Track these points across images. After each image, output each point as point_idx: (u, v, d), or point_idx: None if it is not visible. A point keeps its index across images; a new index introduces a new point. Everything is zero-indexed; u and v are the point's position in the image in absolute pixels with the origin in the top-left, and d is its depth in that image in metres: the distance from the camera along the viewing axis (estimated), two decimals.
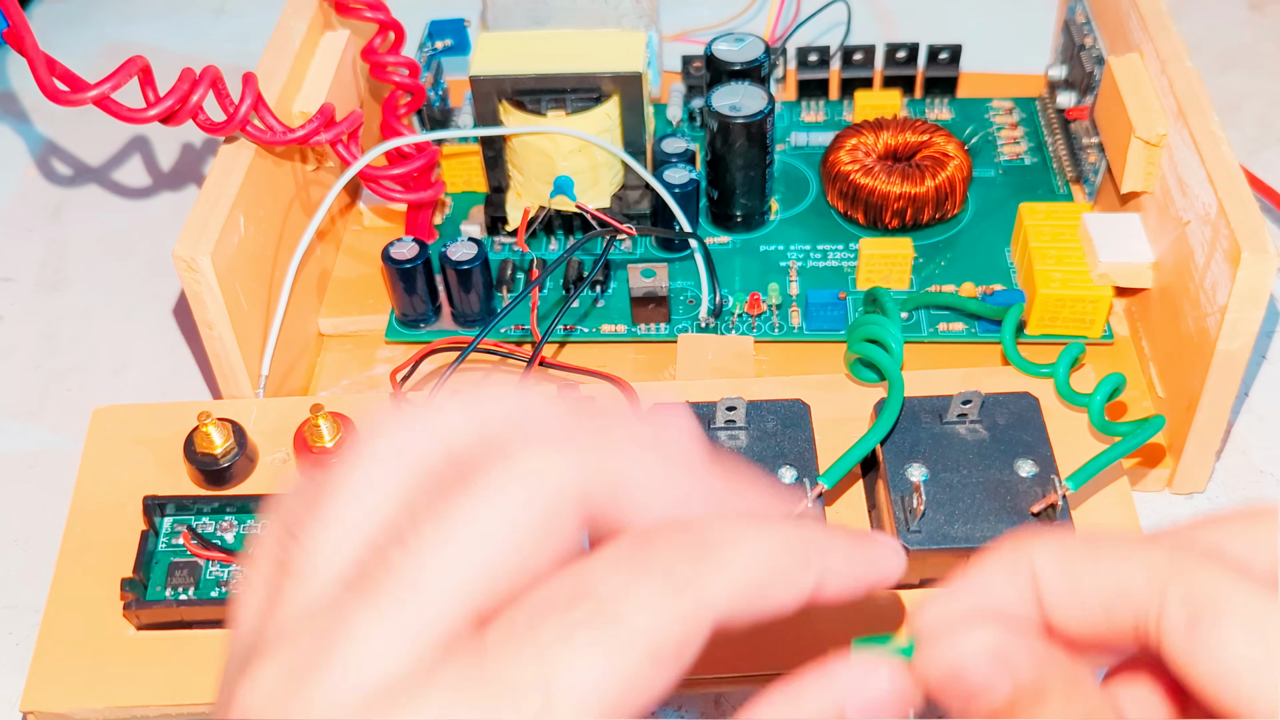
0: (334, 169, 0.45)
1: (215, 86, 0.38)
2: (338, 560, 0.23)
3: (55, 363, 0.46)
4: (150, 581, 0.34)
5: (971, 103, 0.51)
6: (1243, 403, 0.42)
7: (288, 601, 0.23)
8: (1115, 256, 0.40)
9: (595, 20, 0.46)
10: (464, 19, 0.51)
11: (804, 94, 0.51)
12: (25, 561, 0.39)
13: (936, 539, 0.32)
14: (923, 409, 0.35)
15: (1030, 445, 0.34)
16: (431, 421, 0.24)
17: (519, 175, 0.45)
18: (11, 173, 0.54)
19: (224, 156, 0.39)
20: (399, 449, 0.24)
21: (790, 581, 0.23)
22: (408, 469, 0.24)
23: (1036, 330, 0.42)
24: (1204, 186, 0.36)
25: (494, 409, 0.25)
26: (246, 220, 0.38)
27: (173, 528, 0.35)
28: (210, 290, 0.36)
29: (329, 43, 0.45)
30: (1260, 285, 0.34)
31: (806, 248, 0.45)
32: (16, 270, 0.49)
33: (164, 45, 0.59)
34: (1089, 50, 0.46)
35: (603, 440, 0.23)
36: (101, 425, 0.38)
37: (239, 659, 0.23)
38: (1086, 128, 0.45)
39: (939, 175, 0.44)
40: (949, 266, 0.44)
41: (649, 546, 0.22)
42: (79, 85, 0.36)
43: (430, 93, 0.48)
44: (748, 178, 0.44)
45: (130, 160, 0.54)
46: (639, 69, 0.43)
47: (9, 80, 0.58)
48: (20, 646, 0.37)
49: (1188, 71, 0.39)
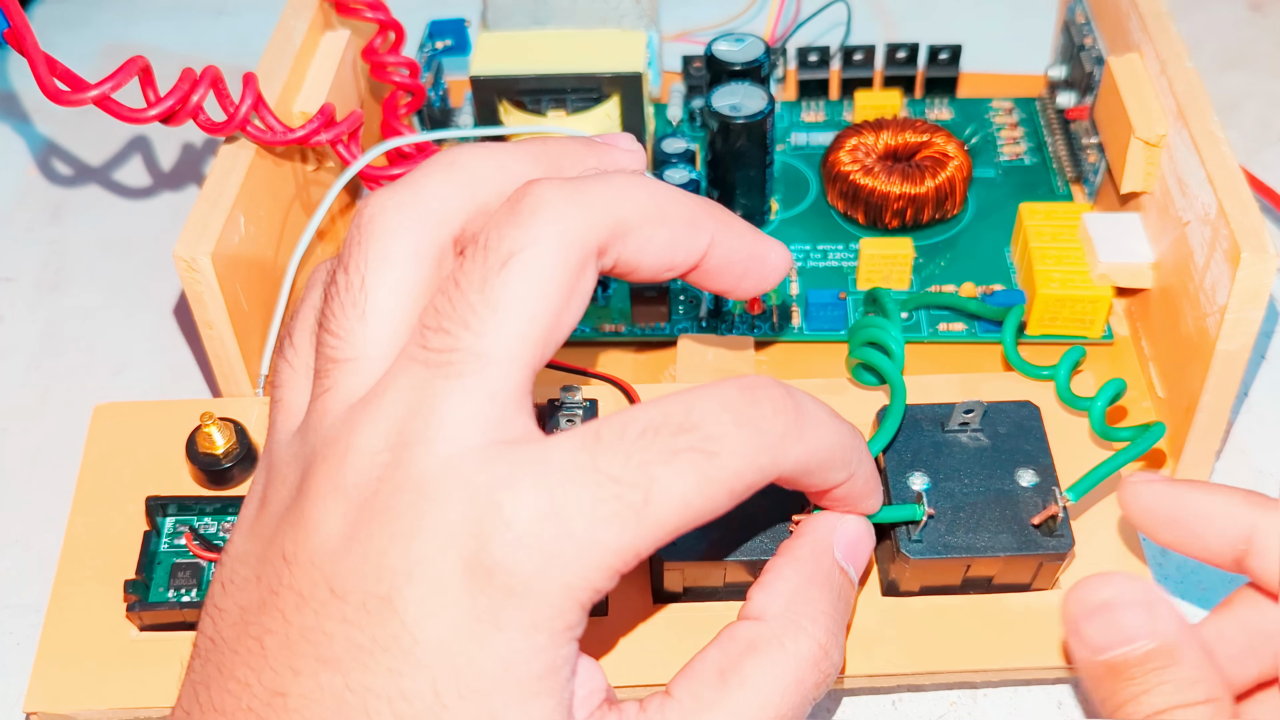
0: (334, 169, 0.45)
1: (215, 86, 0.38)
2: (385, 342, 0.26)
3: (55, 363, 0.46)
4: (153, 583, 0.34)
5: (971, 103, 0.51)
6: (1243, 403, 0.42)
7: (343, 387, 0.26)
8: (1115, 257, 0.41)
9: (595, 20, 0.46)
10: (464, 19, 0.51)
11: (804, 94, 0.51)
12: (26, 561, 0.39)
13: (938, 548, 0.32)
14: (924, 417, 0.35)
15: (1031, 455, 0.34)
16: (448, 172, 0.27)
17: None
18: (11, 173, 0.54)
19: (224, 156, 0.39)
20: (411, 219, 0.27)
21: (835, 470, 0.27)
22: (427, 237, 0.27)
23: (1036, 330, 0.42)
24: (1204, 187, 0.36)
25: (510, 162, 0.28)
26: (246, 220, 0.38)
27: (175, 528, 0.35)
28: (210, 290, 0.36)
29: (329, 43, 0.45)
30: (1260, 285, 0.34)
31: (806, 248, 0.45)
32: (16, 270, 0.49)
33: (164, 45, 0.59)
34: (1089, 50, 0.46)
35: (603, 186, 0.26)
36: (103, 422, 0.38)
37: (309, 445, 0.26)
38: (1086, 128, 0.45)
39: (939, 175, 0.44)
40: (949, 266, 0.44)
41: (753, 397, 0.25)
42: (79, 85, 0.36)
43: (430, 93, 0.48)
44: (748, 178, 0.44)
45: (130, 160, 0.54)
46: (639, 69, 0.43)
47: (9, 80, 0.58)
48: (21, 646, 0.37)
49: (1188, 71, 0.39)
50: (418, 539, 0.24)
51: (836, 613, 0.29)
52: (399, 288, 0.26)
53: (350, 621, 0.24)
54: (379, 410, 0.25)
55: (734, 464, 0.25)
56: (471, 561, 0.23)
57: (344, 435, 0.25)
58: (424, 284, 0.26)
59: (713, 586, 0.33)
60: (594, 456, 0.24)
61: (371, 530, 0.24)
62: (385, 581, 0.24)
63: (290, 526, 0.25)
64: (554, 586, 0.24)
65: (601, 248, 0.26)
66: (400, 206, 0.27)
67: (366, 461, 0.25)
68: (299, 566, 0.25)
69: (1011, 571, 0.33)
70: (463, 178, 0.27)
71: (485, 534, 0.23)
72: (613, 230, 0.26)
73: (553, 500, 0.24)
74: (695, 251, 0.28)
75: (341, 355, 0.26)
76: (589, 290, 0.26)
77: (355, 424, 0.25)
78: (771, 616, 0.28)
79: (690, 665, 0.27)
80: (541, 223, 0.25)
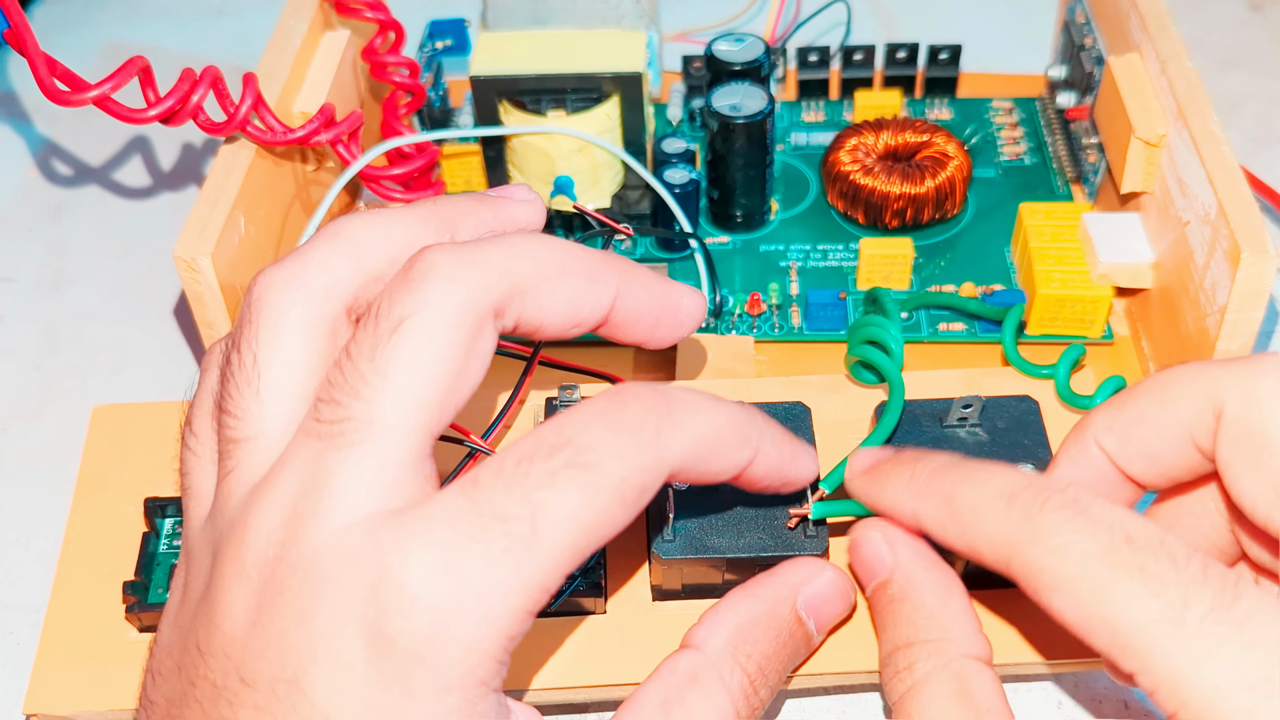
0: (334, 169, 0.45)
1: (215, 86, 0.38)
2: (283, 418, 0.26)
3: (55, 363, 0.46)
4: (152, 584, 0.34)
5: (971, 103, 0.51)
6: None
7: (245, 467, 0.26)
8: (1115, 256, 0.41)
9: (595, 20, 0.46)
10: (464, 19, 0.51)
11: (804, 94, 0.51)
12: (26, 561, 0.39)
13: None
14: (923, 412, 0.35)
15: (1030, 449, 0.34)
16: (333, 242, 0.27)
17: (519, 175, 0.45)
18: (11, 173, 0.54)
19: (224, 156, 0.39)
20: (299, 292, 0.27)
21: (732, 450, 0.27)
22: (316, 309, 0.27)
23: (1036, 330, 0.42)
24: (1204, 186, 0.36)
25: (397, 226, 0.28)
26: (246, 220, 0.38)
27: (174, 529, 0.35)
28: (210, 290, 0.36)
29: (329, 43, 0.45)
30: (1260, 285, 0.34)
31: (807, 248, 0.45)
32: (16, 270, 0.49)
33: (164, 45, 0.59)
34: (1089, 50, 0.46)
35: (496, 247, 0.26)
36: (102, 424, 0.38)
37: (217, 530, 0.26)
38: (1086, 128, 0.45)
39: (939, 175, 0.44)
40: (949, 266, 0.44)
41: (621, 404, 0.25)
42: (79, 85, 0.36)
43: (430, 93, 0.48)
44: (748, 178, 0.44)
45: (130, 160, 0.54)
46: (639, 69, 0.43)
47: (9, 80, 0.58)
48: (21, 647, 0.37)
49: (1188, 71, 0.39)
50: (317, 617, 0.23)
51: (778, 660, 0.29)
52: (292, 362, 0.26)
53: (262, 709, 0.23)
54: (275, 487, 0.25)
55: (616, 469, 0.24)
56: (372, 633, 0.23)
57: (244, 517, 0.25)
58: (319, 356, 0.26)
59: (711, 584, 0.33)
60: (474, 501, 0.24)
61: (272, 614, 0.24)
62: (290, 665, 0.23)
63: (203, 615, 0.25)
64: (458, 642, 0.23)
65: (498, 309, 0.26)
66: (287, 281, 0.27)
67: (264, 541, 0.24)
68: (211, 657, 0.24)
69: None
70: (348, 245, 0.27)
71: (381, 602, 0.23)
72: (508, 290, 0.26)
73: (443, 554, 0.23)
74: (600, 306, 0.28)
75: (241, 435, 0.26)
76: (488, 352, 0.26)
77: (253, 504, 0.25)
78: (711, 650, 0.28)
79: (632, 699, 0.27)
80: (431, 287, 0.25)
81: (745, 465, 0.28)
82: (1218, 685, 0.23)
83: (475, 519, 0.24)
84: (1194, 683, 0.23)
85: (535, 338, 0.28)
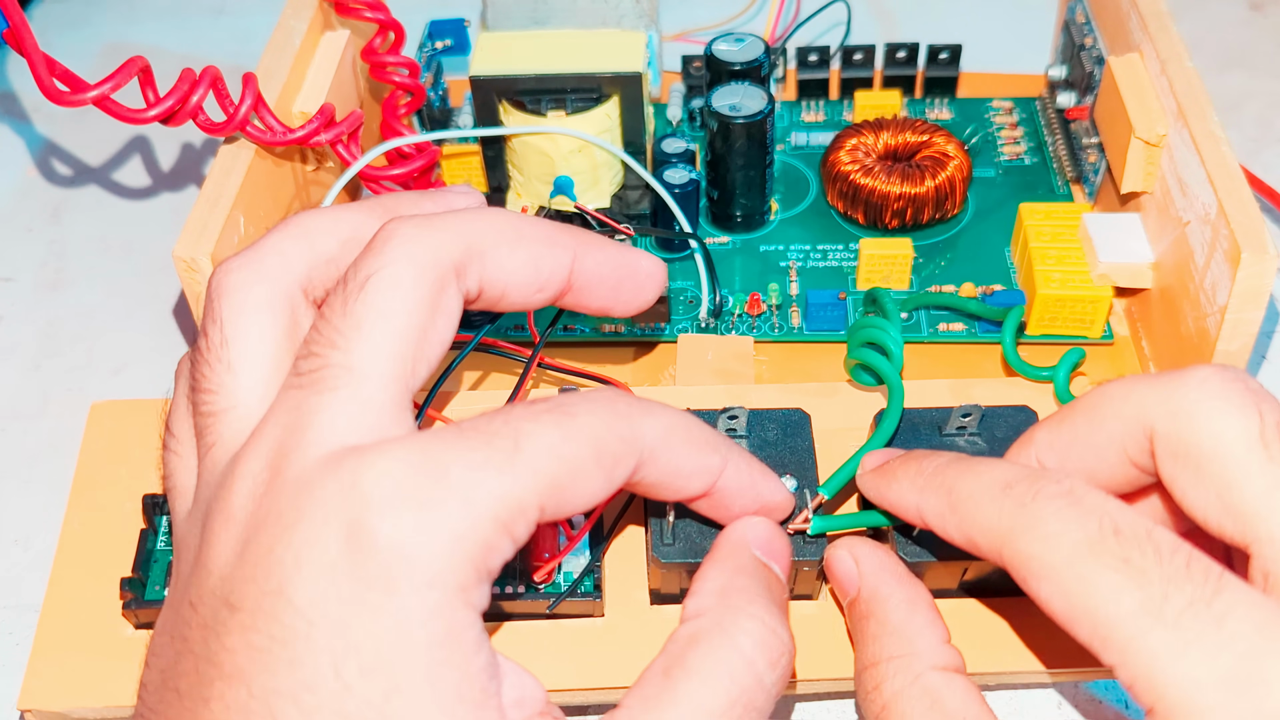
0: (334, 169, 0.45)
1: (215, 87, 0.38)
2: (256, 390, 0.27)
3: (55, 363, 0.46)
4: (149, 580, 0.34)
5: (971, 103, 0.51)
6: None
7: (225, 438, 0.27)
8: (1115, 257, 0.40)
9: (595, 20, 0.46)
10: (464, 19, 0.51)
11: (804, 94, 0.51)
12: (25, 561, 0.39)
13: (934, 550, 0.32)
14: (922, 421, 0.35)
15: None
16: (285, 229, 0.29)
17: (519, 175, 0.45)
18: (11, 173, 0.54)
19: (224, 156, 0.39)
20: (257, 273, 0.28)
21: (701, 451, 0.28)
22: (275, 286, 0.28)
23: (1036, 330, 0.42)
24: (1204, 187, 0.36)
25: (345, 214, 0.29)
26: (246, 220, 0.38)
27: (171, 526, 0.35)
28: None
29: (329, 43, 0.45)
30: (1260, 285, 0.34)
31: (806, 248, 0.45)
32: (16, 270, 0.49)
33: (164, 45, 0.59)
34: (1089, 50, 0.46)
35: (455, 215, 0.28)
36: (99, 421, 0.38)
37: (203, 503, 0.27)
38: (1086, 128, 0.45)
39: (939, 175, 0.44)
40: (949, 267, 0.44)
41: (600, 391, 0.27)
42: (79, 85, 0.36)
43: (430, 93, 0.48)
44: (748, 178, 0.44)
45: (130, 160, 0.54)
46: (639, 69, 0.43)
47: (9, 80, 0.58)
48: (20, 646, 0.37)
49: (1188, 71, 0.39)
50: (299, 526, 0.24)
51: (770, 598, 0.29)
52: (260, 334, 0.27)
53: (248, 627, 0.24)
54: (260, 438, 0.26)
55: (592, 423, 0.26)
56: (354, 530, 0.23)
57: (230, 473, 0.26)
58: (283, 330, 0.28)
59: None
60: (461, 428, 0.25)
61: (259, 538, 0.24)
62: (275, 576, 0.24)
63: (195, 576, 0.25)
64: (440, 537, 0.24)
65: (458, 267, 0.27)
66: (244, 266, 0.28)
67: (249, 484, 0.25)
68: (202, 604, 0.25)
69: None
70: (298, 231, 0.29)
71: (364, 500, 0.24)
72: (467, 249, 0.27)
73: (426, 454, 0.24)
74: (560, 267, 0.29)
75: (218, 407, 0.27)
76: (455, 310, 0.27)
77: (239, 458, 0.26)
78: (708, 610, 0.28)
79: (638, 678, 0.27)
80: (394, 247, 0.26)
81: (716, 474, 0.29)
82: (1194, 680, 0.23)
83: (459, 433, 0.25)
84: (1169, 677, 0.23)
85: (501, 304, 0.29)
